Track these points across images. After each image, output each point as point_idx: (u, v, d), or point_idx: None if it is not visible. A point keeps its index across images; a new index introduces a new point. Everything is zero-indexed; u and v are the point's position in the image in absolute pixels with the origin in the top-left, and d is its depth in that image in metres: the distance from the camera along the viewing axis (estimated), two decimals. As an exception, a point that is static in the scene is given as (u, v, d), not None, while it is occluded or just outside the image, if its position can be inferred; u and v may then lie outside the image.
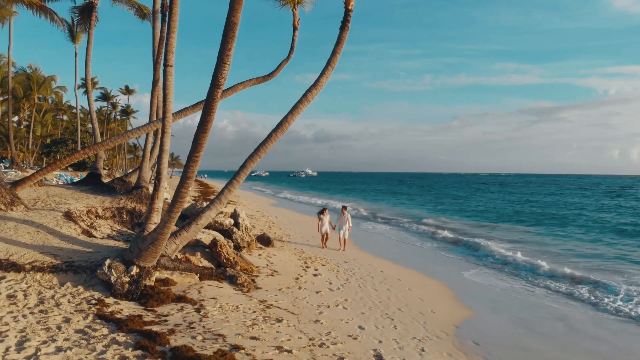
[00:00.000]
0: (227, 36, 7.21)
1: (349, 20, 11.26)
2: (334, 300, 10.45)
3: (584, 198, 64.46)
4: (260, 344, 7.02)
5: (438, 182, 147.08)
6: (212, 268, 11.13)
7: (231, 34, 7.19)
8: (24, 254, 9.46)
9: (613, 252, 20.23)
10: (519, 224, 31.64)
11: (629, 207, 47.76)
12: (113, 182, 17.69)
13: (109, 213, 13.63)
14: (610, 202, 55.07)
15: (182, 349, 6.26)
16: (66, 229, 11.10)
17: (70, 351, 5.99)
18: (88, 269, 9.25)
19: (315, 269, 13.32)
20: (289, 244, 17.99)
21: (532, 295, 12.76)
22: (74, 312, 7.57)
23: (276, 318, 8.50)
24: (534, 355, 8.38)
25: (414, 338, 8.55)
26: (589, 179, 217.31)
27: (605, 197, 68.49)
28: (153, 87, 16.01)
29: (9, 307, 7.46)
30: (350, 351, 7.34)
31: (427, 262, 17.10)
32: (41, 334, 6.49)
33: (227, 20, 7.16)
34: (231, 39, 7.23)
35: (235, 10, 7.11)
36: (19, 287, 8.43)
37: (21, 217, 11.35)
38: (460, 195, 70.97)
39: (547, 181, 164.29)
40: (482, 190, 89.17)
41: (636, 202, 56.06)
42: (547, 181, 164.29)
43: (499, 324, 10.37)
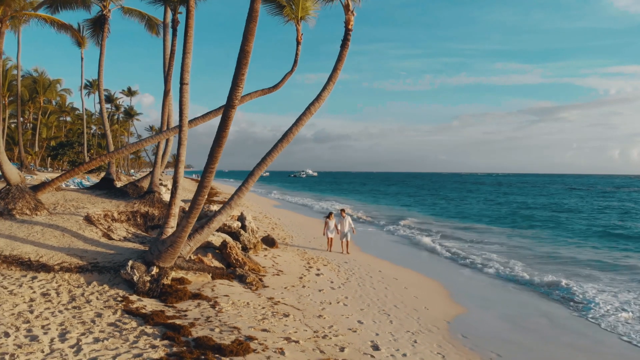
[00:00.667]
0: (240, 63, 8.12)
1: (349, 39, 12.15)
2: (335, 298, 11.36)
3: (575, 198, 65.61)
4: (270, 335, 7.93)
5: (436, 183, 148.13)
6: (223, 268, 12.03)
7: (244, 61, 8.09)
8: (52, 256, 10.37)
9: (588, 256, 20.78)
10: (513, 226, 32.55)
11: (614, 207, 48.66)
12: (126, 186, 18.60)
13: (124, 216, 14.55)
14: (600, 203, 56.06)
15: (203, 339, 7.17)
16: (88, 232, 12.02)
17: (107, 341, 6.90)
18: (112, 269, 10.16)
19: (318, 269, 14.23)
20: (293, 244, 18.90)
21: (520, 294, 13.69)
22: (103, 307, 8.47)
23: (283, 313, 9.41)
24: (515, 346, 9.29)
25: (407, 331, 9.45)
26: (586, 179, 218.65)
27: (598, 197, 69.72)
28: (164, 97, 16.93)
29: (45, 304, 8.37)
30: (350, 342, 8.25)
31: (424, 263, 18.01)
32: (79, 327, 7.39)
33: (240, 49, 8.06)
34: (244, 65, 8.14)
35: (247, 40, 8.01)
36: (51, 286, 9.33)
37: (46, 221, 12.26)
38: (453, 196, 71.94)
39: (544, 181, 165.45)
40: (478, 191, 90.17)
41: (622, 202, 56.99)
42: (544, 181, 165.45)
43: (488, 319, 11.27)
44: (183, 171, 11.48)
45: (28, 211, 12.37)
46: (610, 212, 44.40)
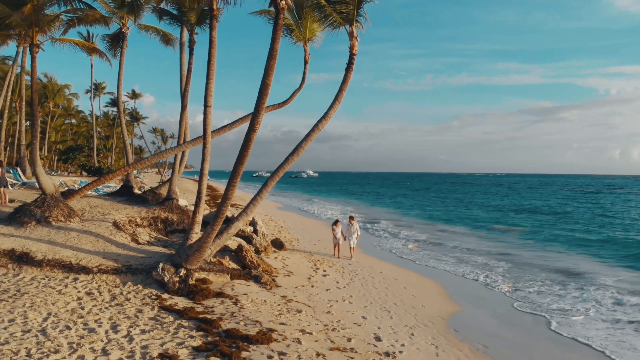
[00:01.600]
0: (262, 94, 9.40)
1: (353, 63, 13.39)
2: (341, 296, 12.65)
3: (563, 199, 67.30)
4: (287, 327, 9.22)
5: (428, 183, 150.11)
6: (240, 269, 13.31)
7: (265, 92, 9.37)
8: (90, 259, 11.66)
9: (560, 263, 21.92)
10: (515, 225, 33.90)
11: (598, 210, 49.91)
12: (145, 193, 19.87)
13: (146, 222, 15.83)
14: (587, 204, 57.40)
15: (232, 330, 8.45)
16: (119, 237, 13.31)
17: (153, 332, 8.18)
18: (143, 270, 11.45)
19: (324, 270, 15.52)
20: (299, 247, 20.18)
21: (508, 294, 14.98)
22: (142, 304, 9.76)
23: (296, 310, 10.69)
24: (500, 339, 10.58)
25: (405, 326, 10.74)
26: (584, 179, 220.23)
27: (583, 198, 71.30)
28: (182, 111, 18.20)
29: (92, 302, 9.65)
30: (356, 334, 9.54)
31: (423, 263, 19.29)
32: (125, 321, 8.67)
33: (262, 82, 9.33)
34: (265, 96, 9.40)
35: (268, 75, 9.27)
36: (92, 286, 10.61)
37: (80, 227, 13.55)
38: (443, 196, 73.62)
39: (541, 182, 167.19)
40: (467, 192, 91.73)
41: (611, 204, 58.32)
42: (541, 182, 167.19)
43: (480, 317, 12.54)
44: (206, 184, 12.74)
45: (62, 218, 13.65)
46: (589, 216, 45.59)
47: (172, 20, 17.88)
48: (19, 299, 9.20)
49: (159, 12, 17.73)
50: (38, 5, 12.74)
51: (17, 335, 7.35)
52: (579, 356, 9.92)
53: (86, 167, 42.01)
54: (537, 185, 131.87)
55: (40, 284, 10.24)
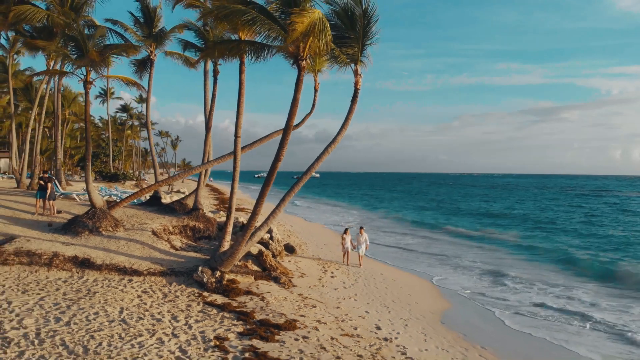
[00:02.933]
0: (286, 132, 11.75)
1: (357, 96, 15.70)
2: (347, 295, 15.04)
3: (549, 201, 70.13)
4: (306, 319, 11.60)
5: (432, 185, 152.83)
6: (261, 271, 15.69)
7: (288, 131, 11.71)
8: (140, 264, 14.06)
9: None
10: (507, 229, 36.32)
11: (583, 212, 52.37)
12: (172, 204, 22.23)
13: (177, 230, 18.22)
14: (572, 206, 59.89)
15: (264, 320, 10.84)
16: (160, 244, 15.71)
17: (204, 321, 10.56)
18: (185, 273, 13.84)
19: (332, 273, 17.91)
20: (307, 251, 22.57)
21: (493, 293, 17.38)
22: (189, 301, 12.14)
23: (312, 305, 13.07)
24: (478, 329, 12.98)
25: (401, 319, 13.14)
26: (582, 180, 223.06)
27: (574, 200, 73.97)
28: (206, 133, 20.58)
29: (149, 298, 12.03)
30: (361, 324, 11.93)
31: (420, 266, 21.67)
32: (180, 313, 11.05)
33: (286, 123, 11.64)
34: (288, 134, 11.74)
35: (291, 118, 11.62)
36: (145, 286, 13.00)
37: (126, 236, 15.95)
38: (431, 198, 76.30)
39: (537, 183, 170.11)
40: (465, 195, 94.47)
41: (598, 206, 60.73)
42: (537, 183, 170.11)
43: (465, 312, 14.95)
44: (235, 201, 15.13)
45: (110, 228, 16.04)
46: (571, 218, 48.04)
47: (196, 52, 20.26)
48: (92, 297, 11.59)
49: (184, 43, 20.10)
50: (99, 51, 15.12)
51: (105, 324, 9.74)
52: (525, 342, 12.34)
53: (102, 173, 44.40)
54: (529, 187, 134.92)
55: (104, 285, 12.62)
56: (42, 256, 13.58)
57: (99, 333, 9.15)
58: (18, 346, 8.26)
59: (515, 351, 11.59)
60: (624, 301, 16.42)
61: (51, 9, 22.04)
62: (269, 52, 12.66)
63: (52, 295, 11.38)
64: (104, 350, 8.34)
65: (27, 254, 13.63)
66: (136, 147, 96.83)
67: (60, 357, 7.94)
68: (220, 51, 13.58)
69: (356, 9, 14.99)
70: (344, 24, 15.32)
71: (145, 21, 22.13)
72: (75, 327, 9.33)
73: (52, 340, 8.59)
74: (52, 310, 10.22)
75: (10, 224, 16.90)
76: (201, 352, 8.73)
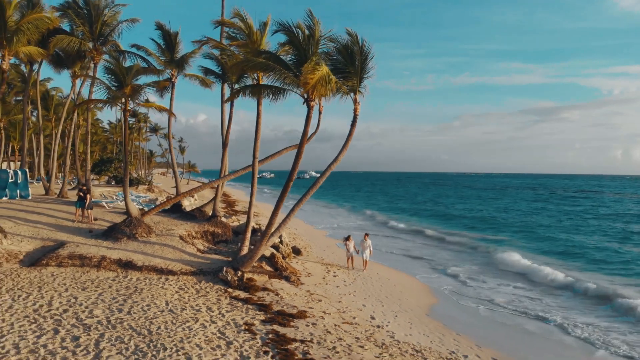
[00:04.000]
0: (296, 161, 14.41)
1: (356, 121, 18.32)
2: (348, 291, 17.69)
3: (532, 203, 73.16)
4: (314, 310, 14.24)
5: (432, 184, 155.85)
6: (273, 271, 18.34)
7: (298, 161, 14.35)
8: (174, 265, 16.72)
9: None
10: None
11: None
12: (193, 211, 24.89)
13: (199, 235, 20.89)
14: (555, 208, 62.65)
15: (281, 310, 13.49)
16: (188, 248, 18.37)
17: (233, 312, 13.20)
18: (211, 272, 16.50)
19: (334, 273, 20.57)
20: (312, 252, 25.22)
21: (472, 290, 20.04)
22: (218, 296, 14.78)
23: (318, 299, 15.72)
24: (456, 320, 15.63)
25: (392, 311, 15.79)
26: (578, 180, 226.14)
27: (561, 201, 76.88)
28: (223, 150, 23.23)
29: (186, 294, 14.66)
30: (358, 315, 14.58)
31: (413, 267, 24.33)
32: (213, 305, 13.69)
33: (296, 155, 14.29)
34: (298, 163, 14.39)
35: (301, 149, 14.25)
36: (180, 284, 15.63)
37: (158, 241, 18.61)
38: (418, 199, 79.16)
39: (534, 184, 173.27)
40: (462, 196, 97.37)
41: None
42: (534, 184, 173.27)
43: (448, 305, 17.62)
44: (253, 211, 17.78)
45: (145, 234, 18.68)
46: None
47: (214, 77, 22.90)
48: (140, 292, 14.24)
49: (204, 70, 22.72)
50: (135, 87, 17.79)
51: (158, 314, 12.38)
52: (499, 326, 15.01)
53: (117, 178, 47.04)
54: (521, 187, 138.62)
55: (146, 283, 15.26)
56: (92, 259, 16.25)
57: (155, 320, 11.80)
58: (97, 330, 10.91)
59: (485, 336, 14.24)
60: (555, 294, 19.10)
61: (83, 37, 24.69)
62: (284, 94, 15.30)
63: (107, 291, 14.04)
64: (164, 332, 11.00)
65: (79, 257, 16.30)
66: (142, 149, 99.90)
67: (132, 336, 10.59)
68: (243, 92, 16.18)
69: (355, 48, 17.61)
70: (345, 59, 17.90)
71: (167, 47, 24.78)
72: (135, 316, 11.98)
73: (121, 325, 11.24)
74: (112, 303, 12.88)
75: (56, 230, 19.56)
76: (235, 333, 11.39)
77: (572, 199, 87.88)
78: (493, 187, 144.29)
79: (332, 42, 17.71)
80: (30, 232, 18.94)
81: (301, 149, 14.70)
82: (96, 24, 24.62)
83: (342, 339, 11.81)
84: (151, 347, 9.99)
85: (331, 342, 11.42)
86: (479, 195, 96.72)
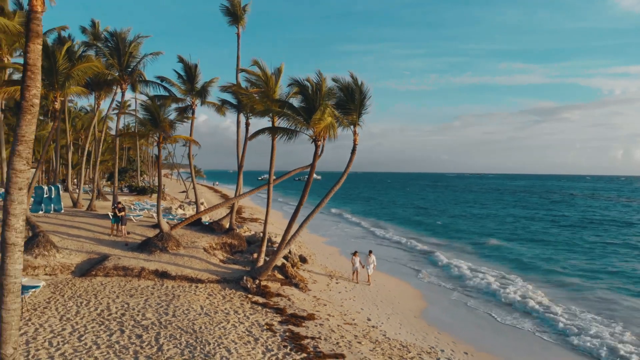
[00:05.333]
0: (305, 190, 17.49)
1: (356, 149, 21.35)
2: (348, 297, 20.74)
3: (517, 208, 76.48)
4: (320, 313, 17.30)
5: (429, 186, 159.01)
6: (284, 279, 21.40)
7: (307, 190, 17.45)
8: (201, 274, 19.79)
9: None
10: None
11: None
12: (211, 224, 27.95)
13: (219, 246, 23.96)
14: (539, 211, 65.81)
15: (294, 313, 16.55)
16: (212, 259, 21.45)
17: (255, 314, 16.26)
18: (233, 281, 19.56)
19: (337, 280, 23.63)
20: (316, 260, 28.27)
21: (455, 293, 23.09)
22: (241, 301, 17.84)
23: (323, 304, 18.78)
24: (440, 321, 18.69)
25: (385, 314, 18.86)
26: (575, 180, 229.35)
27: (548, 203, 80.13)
28: (238, 172, 26.32)
29: (215, 299, 17.71)
30: (357, 317, 17.65)
31: (406, 274, 27.39)
32: (238, 309, 16.75)
33: (305, 186, 17.34)
34: (307, 192, 17.48)
35: (309, 182, 17.31)
36: (208, 291, 18.69)
37: (186, 253, 21.68)
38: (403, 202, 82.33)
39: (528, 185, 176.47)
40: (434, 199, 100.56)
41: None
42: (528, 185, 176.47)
43: (437, 308, 20.65)
44: (268, 229, 20.84)
45: (174, 247, 21.75)
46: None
47: (231, 107, 26.00)
48: (178, 298, 17.30)
49: (221, 101, 25.81)
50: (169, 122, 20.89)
51: (197, 316, 15.43)
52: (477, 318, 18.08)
53: (132, 187, 50.21)
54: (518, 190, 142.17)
55: (180, 290, 18.33)
56: (133, 270, 19.33)
57: (195, 321, 14.88)
58: (153, 329, 13.97)
59: (461, 334, 17.28)
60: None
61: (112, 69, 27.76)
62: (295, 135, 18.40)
63: (151, 298, 17.11)
64: (205, 330, 14.07)
65: (122, 269, 19.38)
66: (148, 154, 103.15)
67: (182, 334, 13.65)
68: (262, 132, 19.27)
69: (355, 88, 20.67)
70: (346, 96, 20.93)
71: (188, 78, 27.88)
72: (180, 318, 15.06)
73: (171, 325, 14.31)
74: (158, 308, 15.95)
75: (97, 244, 22.65)
76: (260, 332, 14.46)
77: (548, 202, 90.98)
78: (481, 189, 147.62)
79: (335, 82, 20.81)
80: (75, 245, 22.03)
81: (310, 179, 17.79)
82: (124, 57, 27.68)
83: (343, 337, 14.89)
84: (198, 342, 13.07)
85: (335, 339, 14.50)
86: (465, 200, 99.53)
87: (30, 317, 14.36)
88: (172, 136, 21.76)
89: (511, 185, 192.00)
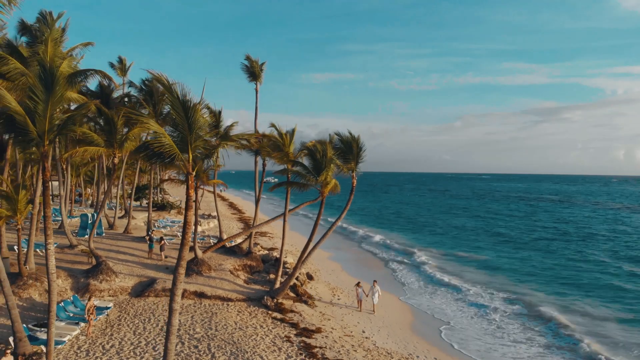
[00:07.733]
0: (313, 231, 22.58)
1: (354, 191, 26.34)
2: (348, 312, 25.79)
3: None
4: (326, 327, 22.35)
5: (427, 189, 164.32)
6: (295, 297, 26.44)
7: (315, 231, 22.54)
8: (230, 294, 24.88)
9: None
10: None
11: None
12: (233, 247, 32.98)
13: (241, 268, 29.03)
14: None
15: (305, 327, 21.62)
16: (238, 280, 26.54)
17: (277, 328, 21.30)
18: (256, 299, 24.65)
19: (338, 296, 28.69)
20: (321, 277, 33.34)
21: (449, 303, 28.15)
22: (264, 317, 22.89)
23: (327, 319, 23.84)
24: (424, 331, 23.75)
25: (376, 326, 23.93)
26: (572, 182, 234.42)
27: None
28: (256, 206, 31.34)
29: (243, 315, 22.75)
30: (354, 330, 22.72)
31: (398, 288, 32.44)
32: (263, 323, 21.80)
33: (314, 225, 22.42)
34: (316, 228, 22.60)
35: (316, 221, 22.42)
36: (237, 308, 23.75)
37: (216, 275, 26.77)
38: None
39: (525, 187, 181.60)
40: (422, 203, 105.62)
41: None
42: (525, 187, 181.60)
43: (420, 322, 25.70)
44: (284, 255, 25.87)
45: (207, 270, 26.81)
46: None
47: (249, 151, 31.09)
48: (216, 315, 22.37)
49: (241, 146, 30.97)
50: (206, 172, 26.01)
51: (232, 329, 20.47)
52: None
53: (154, 204, 55.22)
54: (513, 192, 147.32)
55: (216, 308, 23.39)
56: (177, 291, 24.39)
57: (233, 334, 19.95)
58: (205, 340, 19.04)
59: (435, 341, 22.30)
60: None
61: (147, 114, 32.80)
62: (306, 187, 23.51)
63: (195, 315, 22.20)
64: (242, 342, 19.14)
65: (169, 290, 24.46)
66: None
67: (226, 345, 18.69)
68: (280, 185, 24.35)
69: (353, 141, 25.74)
70: (346, 147, 26.02)
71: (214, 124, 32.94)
72: (221, 331, 20.13)
73: (216, 338, 19.38)
74: (202, 322, 21.04)
75: (143, 268, 27.76)
76: (282, 342, 19.52)
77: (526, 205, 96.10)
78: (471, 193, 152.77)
79: (337, 136, 25.89)
80: (127, 270, 27.13)
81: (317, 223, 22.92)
82: (158, 105, 32.74)
83: (343, 346, 19.98)
84: (239, 351, 18.17)
85: (337, 348, 19.59)
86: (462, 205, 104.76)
87: (112, 333, 19.48)
88: (208, 181, 26.79)
89: (503, 187, 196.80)
